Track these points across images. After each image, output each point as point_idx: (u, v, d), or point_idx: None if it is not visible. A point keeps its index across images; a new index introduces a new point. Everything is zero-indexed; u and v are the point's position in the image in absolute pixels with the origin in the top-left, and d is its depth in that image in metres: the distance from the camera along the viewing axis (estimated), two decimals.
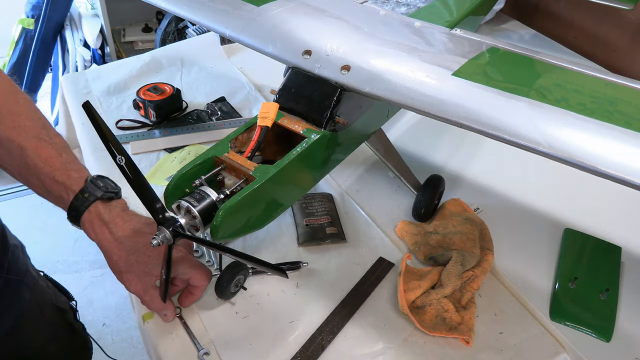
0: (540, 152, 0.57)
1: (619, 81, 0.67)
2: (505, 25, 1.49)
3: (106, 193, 0.68)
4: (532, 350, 0.70)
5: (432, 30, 0.80)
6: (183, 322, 0.71)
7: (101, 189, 0.68)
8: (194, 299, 0.73)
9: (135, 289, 0.67)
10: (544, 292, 0.77)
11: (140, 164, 0.97)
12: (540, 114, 0.60)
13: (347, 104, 0.71)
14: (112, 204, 0.69)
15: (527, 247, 0.84)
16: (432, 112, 0.63)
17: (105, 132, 0.60)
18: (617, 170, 0.54)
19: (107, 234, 0.67)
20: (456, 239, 0.80)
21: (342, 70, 0.69)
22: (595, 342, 0.71)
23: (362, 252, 0.82)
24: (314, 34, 0.75)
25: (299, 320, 0.72)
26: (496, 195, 0.94)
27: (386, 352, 0.69)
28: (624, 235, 0.85)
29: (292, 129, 0.70)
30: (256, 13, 0.79)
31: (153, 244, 0.59)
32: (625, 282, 0.79)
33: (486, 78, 0.66)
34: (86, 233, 0.69)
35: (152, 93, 1.07)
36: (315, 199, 0.89)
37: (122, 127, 1.06)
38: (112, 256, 0.67)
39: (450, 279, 0.73)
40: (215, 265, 0.77)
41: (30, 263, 0.86)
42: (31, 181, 0.69)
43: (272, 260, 0.79)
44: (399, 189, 0.93)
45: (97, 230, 0.67)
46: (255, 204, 0.64)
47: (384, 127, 0.90)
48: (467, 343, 0.70)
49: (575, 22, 1.39)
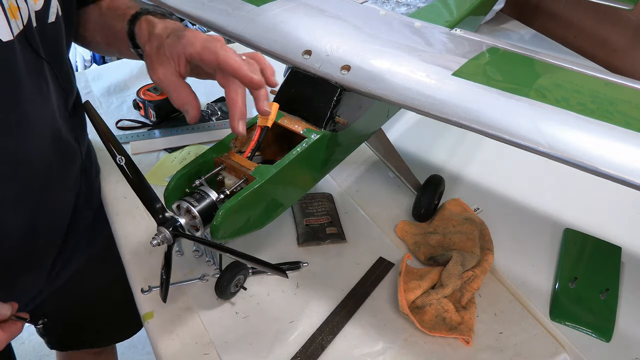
0: (540, 152, 0.57)
1: (619, 81, 0.67)
2: (505, 25, 1.49)
3: (157, 8, 0.71)
4: (532, 350, 0.70)
5: (432, 30, 0.80)
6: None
7: (153, 7, 0.71)
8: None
9: (157, 77, 0.65)
10: (544, 292, 0.77)
11: (140, 164, 0.96)
12: (540, 114, 0.60)
13: (347, 104, 0.71)
14: (164, 18, 0.70)
15: (527, 247, 0.84)
16: (432, 112, 0.63)
17: (105, 132, 0.60)
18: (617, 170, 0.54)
19: (145, 32, 0.69)
20: (456, 239, 0.80)
21: (342, 70, 0.69)
22: (595, 342, 0.71)
23: (362, 252, 0.82)
24: (314, 34, 0.75)
25: (299, 320, 0.72)
26: (496, 195, 0.94)
27: (386, 352, 0.69)
28: (624, 235, 0.85)
29: (292, 129, 0.70)
30: (256, 13, 0.79)
31: (153, 244, 0.59)
32: (625, 282, 0.79)
33: (486, 78, 0.66)
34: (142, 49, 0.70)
35: (152, 93, 1.08)
36: (315, 199, 0.89)
37: (122, 127, 1.06)
38: (145, 52, 0.67)
39: (451, 279, 0.73)
40: (215, 265, 0.77)
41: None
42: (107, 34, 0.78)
43: (272, 260, 0.79)
44: (399, 189, 0.93)
45: (142, 32, 0.69)
46: (255, 204, 0.64)
47: (384, 127, 0.90)
48: (467, 343, 0.70)
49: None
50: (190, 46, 0.60)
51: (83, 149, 0.85)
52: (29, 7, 0.65)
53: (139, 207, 0.87)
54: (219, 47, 0.59)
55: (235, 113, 0.61)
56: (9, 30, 0.62)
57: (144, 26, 0.70)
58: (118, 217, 0.87)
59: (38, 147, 0.72)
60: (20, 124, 0.68)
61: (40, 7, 0.67)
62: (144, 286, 0.75)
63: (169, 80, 0.64)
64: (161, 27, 0.67)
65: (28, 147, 0.70)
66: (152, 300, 0.74)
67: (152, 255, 0.80)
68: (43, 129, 0.72)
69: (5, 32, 0.61)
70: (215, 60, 0.59)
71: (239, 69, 0.58)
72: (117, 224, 0.86)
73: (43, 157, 0.74)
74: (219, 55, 0.59)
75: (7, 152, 0.68)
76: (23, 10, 0.64)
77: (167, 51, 0.63)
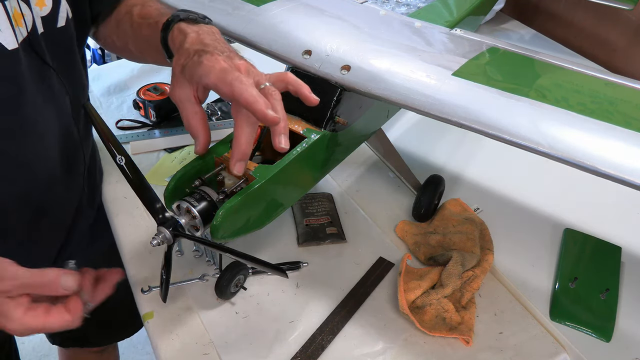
0: (540, 152, 0.57)
1: (619, 81, 0.67)
2: (505, 25, 1.49)
3: (190, 14, 0.68)
4: (532, 350, 0.70)
5: (432, 30, 0.80)
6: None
7: (185, 12, 0.68)
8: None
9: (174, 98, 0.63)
10: (544, 292, 0.77)
11: (140, 164, 0.96)
12: (540, 114, 0.60)
13: (347, 104, 0.71)
14: (197, 24, 0.68)
15: (527, 247, 0.84)
16: (432, 112, 0.63)
17: (105, 132, 0.60)
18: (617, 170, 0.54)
19: (177, 42, 0.66)
20: (456, 239, 0.80)
21: (342, 70, 0.69)
22: (595, 342, 0.71)
23: (362, 252, 0.82)
24: (314, 34, 0.75)
25: (299, 320, 0.72)
26: (496, 195, 0.94)
27: (386, 352, 0.69)
28: (624, 235, 0.85)
29: (292, 129, 0.70)
30: (256, 13, 0.79)
31: (153, 244, 0.59)
32: (625, 282, 0.79)
33: (486, 78, 0.66)
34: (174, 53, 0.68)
35: (152, 93, 1.08)
36: (315, 199, 0.89)
37: (122, 127, 1.06)
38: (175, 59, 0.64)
39: (451, 279, 0.73)
40: (215, 265, 0.77)
41: None
42: (139, 42, 0.77)
43: (272, 260, 0.79)
44: (399, 189, 0.93)
45: (174, 42, 0.66)
46: (255, 204, 0.64)
47: (384, 127, 0.90)
48: (467, 343, 0.70)
49: (575, 22, 1.39)
50: (206, 77, 0.58)
51: (87, 151, 0.85)
52: (34, 14, 0.65)
53: (139, 207, 0.87)
54: (234, 79, 0.56)
55: (235, 153, 0.58)
56: (14, 38, 0.62)
57: (176, 35, 0.67)
58: (118, 217, 0.87)
59: (41, 150, 0.72)
60: (23, 128, 0.67)
61: (48, 12, 0.67)
62: (144, 286, 0.75)
63: (184, 105, 0.62)
64: (191, 39, 0.64)
65: (29, 150, 0.70)
66: (152, 300, 0.74)
67: (152, 255, 0.80)
68: (47, 133, 0.72)
69: (10, 40, 0.61)
70: (230, 93, 0.56)
71: (253, 104, 0.55)
72: (117, 224, 0.86)
73: (46, 160, 0.74)
74: (234, 89, 0.56)
75: (8, 155, 0.68)
76: (27, 17, 0.64)
77: (188, 74, 0.61)
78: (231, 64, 0.59)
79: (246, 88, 0.55)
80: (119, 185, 0.93)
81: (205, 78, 0.58)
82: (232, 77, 0.56)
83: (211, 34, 0.65)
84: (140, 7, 0.77)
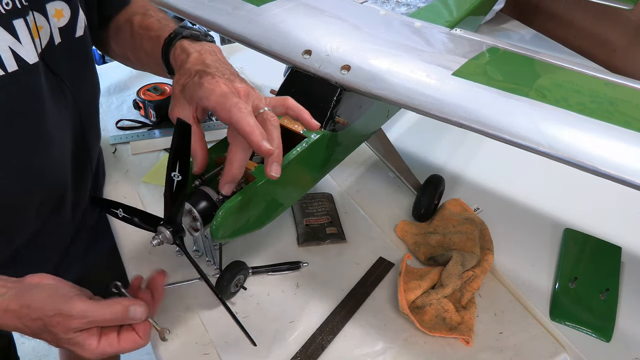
0: (540, 152, 0.57)
1: (619, 81, 0.67)
2: (505, 25, 1.49)
3: (192, 31, 0.67)
4: (532, 350, 0.70)
5: (432, 30, 0.80)
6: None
7: (188, 30, 0.68)
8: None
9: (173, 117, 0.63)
10: (544, 292, 0.77)
11: (140, 164, 0.97)
12: (541, 114, 0.60)
13: (347, 103, 0.71)
14: (199, 41, 0.68)
15: (527, 247, 0.84)
16: (432, 112, 0.63)
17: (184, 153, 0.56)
18: (617, 170, 0.54)
19: (178, 61, 0.66)
20: (456, 239, 0.80)
21: (342, 70, 0.69)
22: (595, 342, 0.71)
23: (362, 252, 0.82)
24: (314, 33, 0.75)
25: (299, 320, 0.72)
26: (496, 195, 0.94)
27: (386, 352, 0.69)
28: (624, 235, 0.85)
29: (292, 129, 0.70)
30: (256, 13, 0.79)
31: (153, 244, 0.59)
32: (625, 282, 0.79)
33: (486, 78, 0.66)
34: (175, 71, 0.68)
35: (152, 93, 1.08)
36: (315, 199, 0.89)
37: (122, 127, 1.06)
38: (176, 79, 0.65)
39: (451, 279, 0.73)
40: (215, 265, 0.77)
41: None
42: (139, 54, 0.76)
43: (272, 260, 0.79)
44: (399, 189, 0.93)
45: (176, 61, 0.66)
46: (256, 203, 0.64)
47: (384, 127, 0.90)
48: (467, 343, 0.70)
49: (575, 22, 1.39)
50: (206, 100, 0.59)
51: (95, 156, 0.85)
52: (51, 26, 0.65)
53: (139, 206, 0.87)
54: (233, 106, 0.56)
55: (225, 176, 0.59)
56: (34, 52, 0.62)
57: (178, 53, 0.67)
58: None
59: (57, 158, 0.72)
60: (44, 139, 0.67)
61: (66, 23, 0.67)
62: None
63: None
64: (193, 59, 0.64)
65: (47, 160, 0.70)
66: None
67: (152, 255, 0.80)
68: (62, 143, 0.72)
69: (32, 55, 0.61)
70: (228, 120, 0.57)
71: (249, 135, 0.55)
72: (117, 224, 0.86)
73: (61, 168, 0.73)
74: (232, 116, 0.56)
75: (30, 166, 0.68)
76: (44, 30, 0.64)
77: (188, 95, 0.62)
78: (231, 88, 0.59)
79: (244, 117, 0.55)
80: (119, 185, 0.93)
81: (205, 101, 0.59)
82: (231, 103, 0.56)
83: (213, 54, 0.65)
84: (141, 17, 0.76)
